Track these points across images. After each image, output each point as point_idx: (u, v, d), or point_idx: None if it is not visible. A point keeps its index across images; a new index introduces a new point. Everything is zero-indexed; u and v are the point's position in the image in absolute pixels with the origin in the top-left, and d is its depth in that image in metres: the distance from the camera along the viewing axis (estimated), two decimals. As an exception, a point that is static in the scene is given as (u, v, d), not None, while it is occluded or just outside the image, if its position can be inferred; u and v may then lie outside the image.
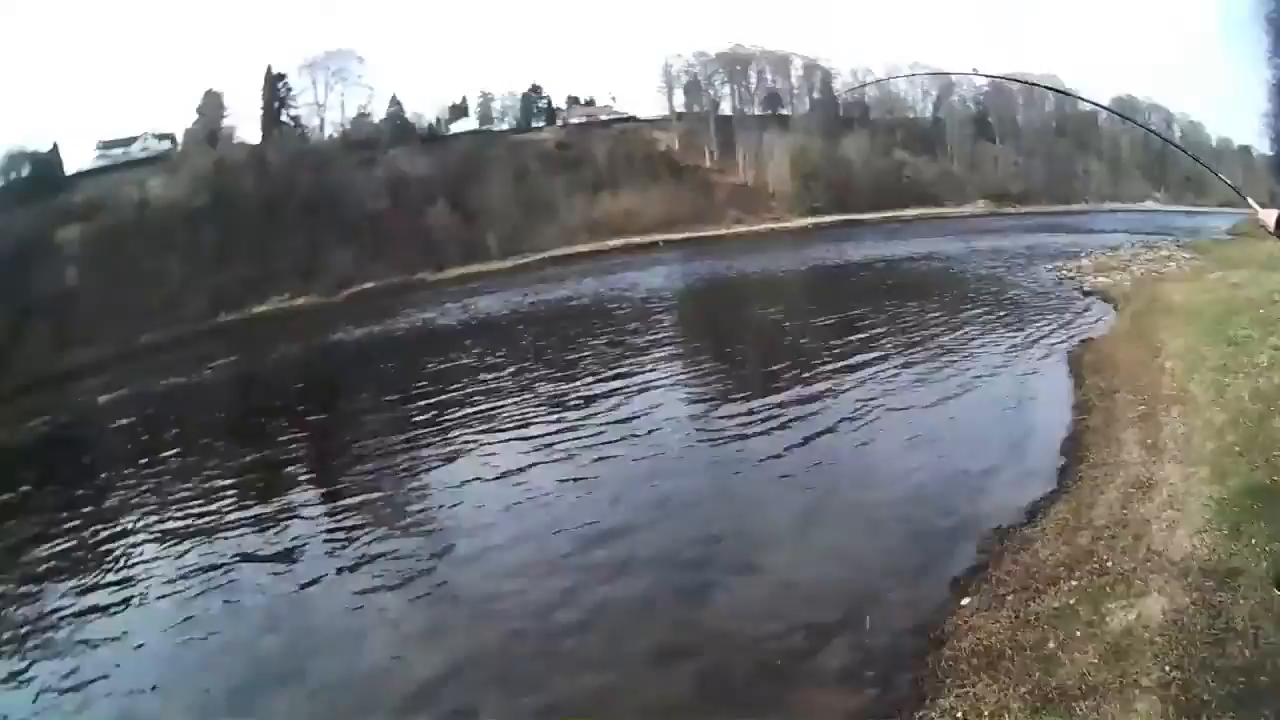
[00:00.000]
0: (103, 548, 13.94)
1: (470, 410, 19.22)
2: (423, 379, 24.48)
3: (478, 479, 13.92)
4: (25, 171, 62.85)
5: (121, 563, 12.91)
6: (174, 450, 20.64)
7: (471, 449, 16.02)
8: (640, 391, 18.65)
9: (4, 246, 55.81)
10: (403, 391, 22.94)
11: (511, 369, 24.03)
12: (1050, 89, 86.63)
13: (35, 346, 52.60)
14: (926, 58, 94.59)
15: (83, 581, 12.36)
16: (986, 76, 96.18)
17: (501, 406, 19.11)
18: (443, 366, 26.35)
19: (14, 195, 60.75)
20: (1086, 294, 25.74)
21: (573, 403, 18.47)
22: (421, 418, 19.25)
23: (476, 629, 8.86)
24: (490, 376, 23.16)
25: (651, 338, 26.62)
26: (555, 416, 17.40)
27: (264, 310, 62.99)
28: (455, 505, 12.95)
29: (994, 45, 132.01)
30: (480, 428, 17.49)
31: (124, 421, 26.92)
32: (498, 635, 8.65)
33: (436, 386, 22.76)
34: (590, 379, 20.81)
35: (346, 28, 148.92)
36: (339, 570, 11.00)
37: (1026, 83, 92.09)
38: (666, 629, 8.31)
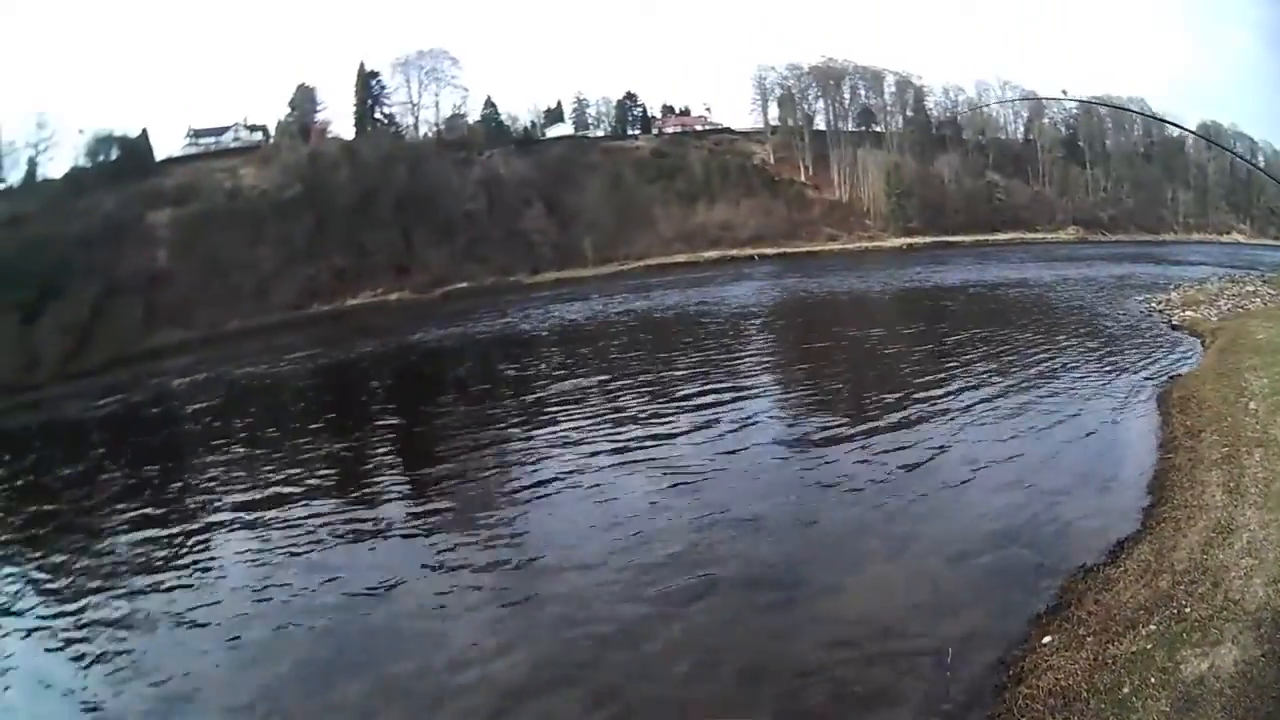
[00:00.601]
0: (152, 534, 13.74)
1: (557, 422, 18.58)
2: (506, 385, 24.10)
3: (561, 490, 13.64)
4: (113, 154, 60.38)
5: (173, 554, 12.66)
6: (239, 441, 20.39)
7: (555, 459, 15.51)
8: (730, 410, 18.27)
9: (92, 225, 53.58)
10: (484, 398, 22.42)
11: (602, 379, 23.42)
12: (1140, 113, 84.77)
13: (124, 324, 50.05)
14: (1015, 74, 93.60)
15: (126, 574, 12.09)
16: (1076, 101, 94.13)
17: (591, 418, 18.63)
18: (528, 373, 25.90)
19: (101, 177, 58.19)
20: (1175, 328, 25.48)
21: (663, 418, 18.19)
22: (502, 427, 18.70)
23: (560, 639, 8.68)
24: (577, 385, 22.71)
25: (745, 355, 26.24)
26: (645, 431, 17.02)
27: (357, 304, 59.92)
28: (538, 515, 12.66)
29: (1082, 63, 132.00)
30: (566, 439, 16.99)
31: (195, 407, 26.81)
32: (582, 646, 8.51)
33: (519, 394, 22.28)
34: (682, 394, 20.41)
35: (440, 28, 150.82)
36: (413, 575, 10.73)
37: (1119, 107, 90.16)
38: (751, 649, 8.20)
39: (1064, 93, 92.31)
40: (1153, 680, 6.31)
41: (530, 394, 21.92)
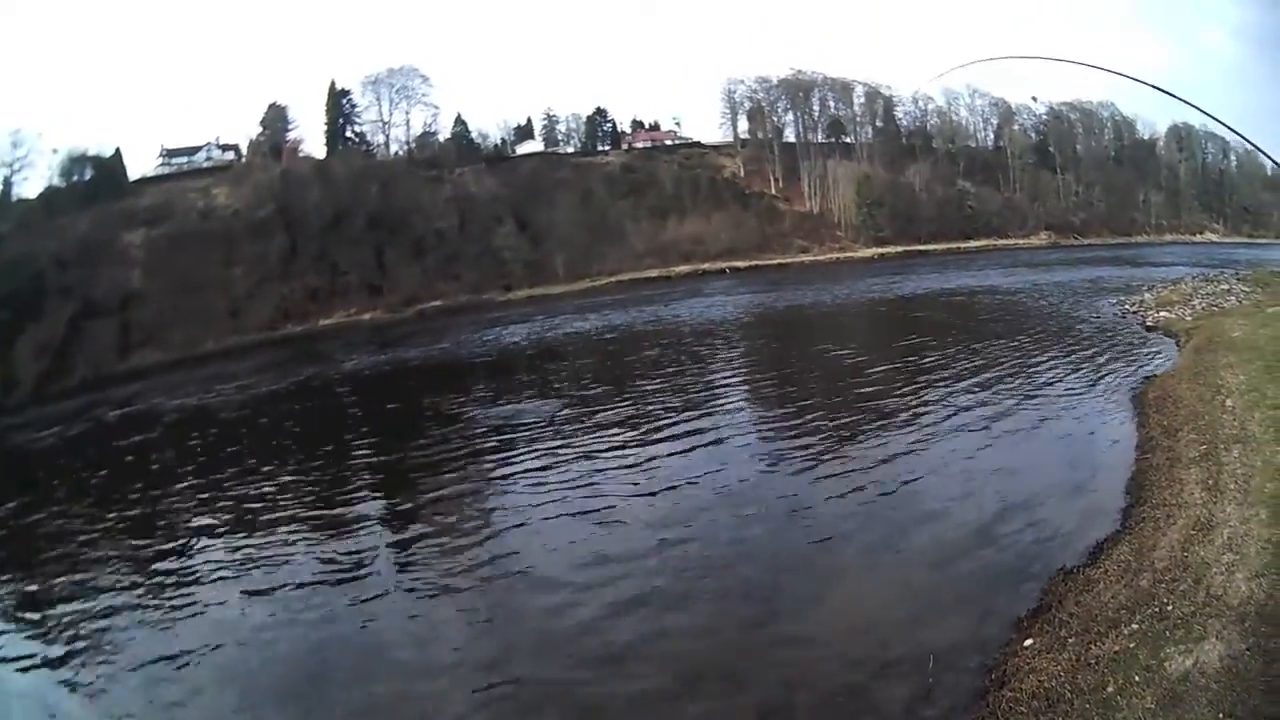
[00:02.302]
0: (91, 568, 13.66)
1: (526, 442, 18.22)
2: (473, 404, 23.64)
3: (532, 510, 13.54)
4: (87, 175, 61.19)
5: (121, 584, 12.67)
6: (145, 482, 19.67)
7: (524, 480, 15.33)
8: (704, 424, 18.12)
9: (67, 245, 54.65)
10: (450, 420, 21.66)
11: (567, 400, 22.82)
12: (1140, 81, 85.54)
13: (99, 346, 51.13)
14: (986, 82, 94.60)
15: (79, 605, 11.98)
16: (1073, 63, 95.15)
17: (558, 439, 18.24)
18: (488, 394, 25.28)
19: (75, 197, 59.11)
20: (1150, 329, 25.32)
21: (635, 435, 17.89)
22: (469, 450, 18.16)
23: (540, 656, 8.79)
24: (541, 407, 22.13)
25: (716, 369, 25.97)
26: (616, 449, 16.84)
27: (330, 323, 60.73)
28: (510, 535, 12.59)
29: (1054, 68, 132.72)
30: (535, 460, 16.68)
31: (121, 443, 26.12)
32: (561, 659, 8.65)
33: (483, 414, 21.71)
34: (654, 411, 20.07)
35: (410, 46, 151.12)
36: (391, 597, 10.79)
37: (1121, 74, 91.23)
38: (731, 659, 8.27)
39: (1034, 99, 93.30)
40: (1137, 679, 6.30)
41: (497, 414, 21.48)
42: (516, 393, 25.16)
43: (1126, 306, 30.63)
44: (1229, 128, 10.04)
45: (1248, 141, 9.58)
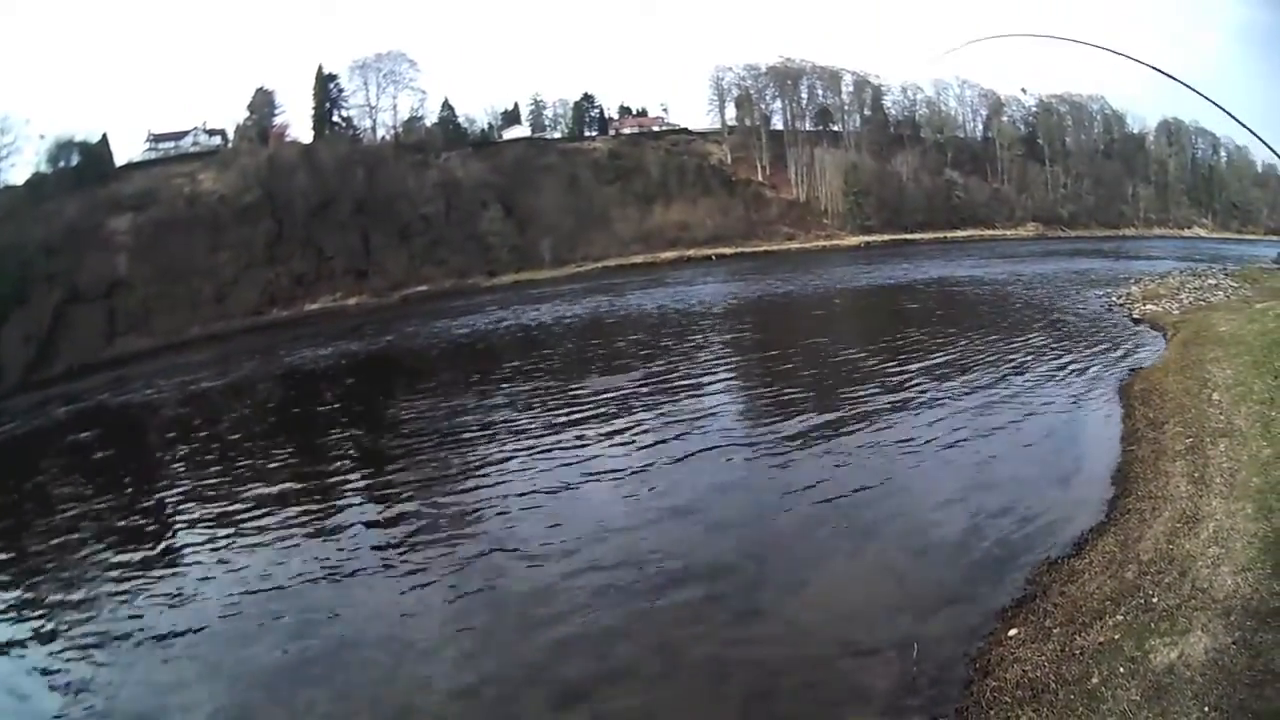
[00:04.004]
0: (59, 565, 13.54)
1: (510, 429, 18.34)
2: (456, 391, 23.75)
3: (515, 496, 13.54)
4: (74, 160, 61.20)
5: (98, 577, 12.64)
6: (77, 488, 19.09)
7: (507, 466, 15.43)
8: (689, 413, 18.13)
9: (54, 231, 54.83)
10: (435, 406, 21.78)
11: (549, 386, 22.99)
12: (1140, 61, 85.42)
13: (86, 332, 51.48)
14: (975, 73, 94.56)
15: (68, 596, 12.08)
16: (1069, 41, 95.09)
17: (542, 425, 18.40)
18: (475, 379, 25.44)
19: (62, 183, 59.21)
20: (1136, 322, 25.30)
21: (619, 421, 18.00)
22: (452, 436, 18.34)
23: (524, 644, 8.78)
24: (525, 392, 22.40)
25: (700, 358, 25.82)
26: (600, 436, 16.86)
27: (316, 308, 61.26)
28: (493, 521, 12.63)
29: (1043, 60, 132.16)
30: (517, 445, 16.87)
31: (63, 443, 25.83)
32: (546, 645, 8.66)
33: (474, 400, 21.86)
34: (637, 398, 20.15)
35: (398, 30, 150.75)
36: (373, 586, 10.85)
37: (1123, 55, 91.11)
38: (715, 647, 8.28)
39: (1024, 90, 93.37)
40: (1121, 670, 6.29)
41: (483, 400, 21.63)
42: (499, 380, 24.96)
43: (1114, 299, 30.75)
44: (1232, 115, 10.04)
45: (1248, 129, 9.71)
